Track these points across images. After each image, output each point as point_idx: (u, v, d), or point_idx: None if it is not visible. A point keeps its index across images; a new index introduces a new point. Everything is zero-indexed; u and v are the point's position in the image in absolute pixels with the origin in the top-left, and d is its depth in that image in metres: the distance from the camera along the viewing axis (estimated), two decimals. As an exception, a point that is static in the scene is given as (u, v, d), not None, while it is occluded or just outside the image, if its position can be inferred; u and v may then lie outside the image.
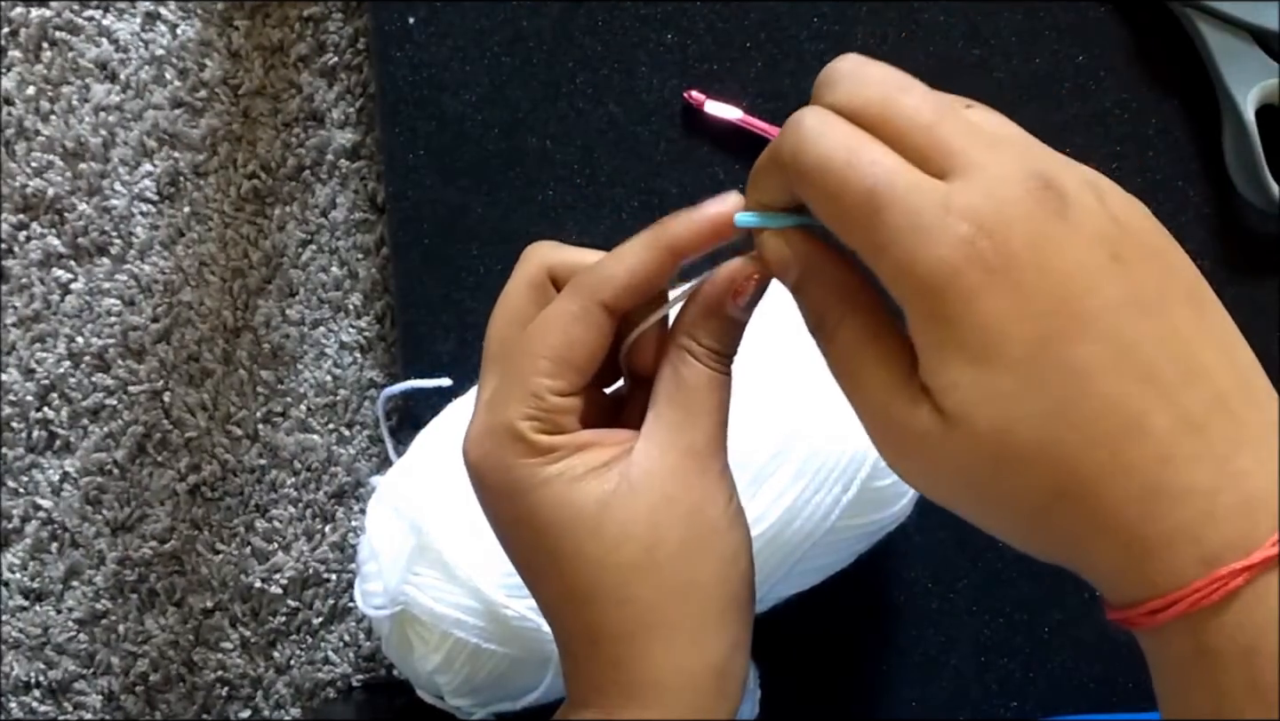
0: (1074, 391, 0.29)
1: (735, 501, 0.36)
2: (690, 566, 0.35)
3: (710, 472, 0.36)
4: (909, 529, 0.57)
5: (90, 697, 0.67)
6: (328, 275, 0.67)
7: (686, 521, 0.35)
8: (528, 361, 0.36)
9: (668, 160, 0.64)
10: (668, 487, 0.35)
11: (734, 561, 0.36)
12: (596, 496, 0.35)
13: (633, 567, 0.35)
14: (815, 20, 0.64)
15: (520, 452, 0.35)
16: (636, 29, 0.64)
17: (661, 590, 0.35)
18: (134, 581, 0.67)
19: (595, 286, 0.36)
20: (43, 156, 0.67)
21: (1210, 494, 0.29)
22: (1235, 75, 0.61)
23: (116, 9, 0.67)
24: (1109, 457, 0.29)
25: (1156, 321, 0.30)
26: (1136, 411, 0.29)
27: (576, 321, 0.36)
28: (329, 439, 0.67)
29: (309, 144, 0.67)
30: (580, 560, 0.35)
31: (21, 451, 0.67)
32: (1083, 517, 0.30)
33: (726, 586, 0.35)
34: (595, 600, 0.35)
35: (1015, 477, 0.30)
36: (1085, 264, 0.29)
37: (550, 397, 0.35)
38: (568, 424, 0.36)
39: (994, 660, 0.64)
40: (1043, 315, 0.29)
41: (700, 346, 0.36)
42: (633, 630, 0.35)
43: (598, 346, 0.36)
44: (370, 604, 0.54)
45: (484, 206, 0.64)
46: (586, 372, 0.36)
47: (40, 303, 0.66)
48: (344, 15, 0.67)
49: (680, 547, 0.35)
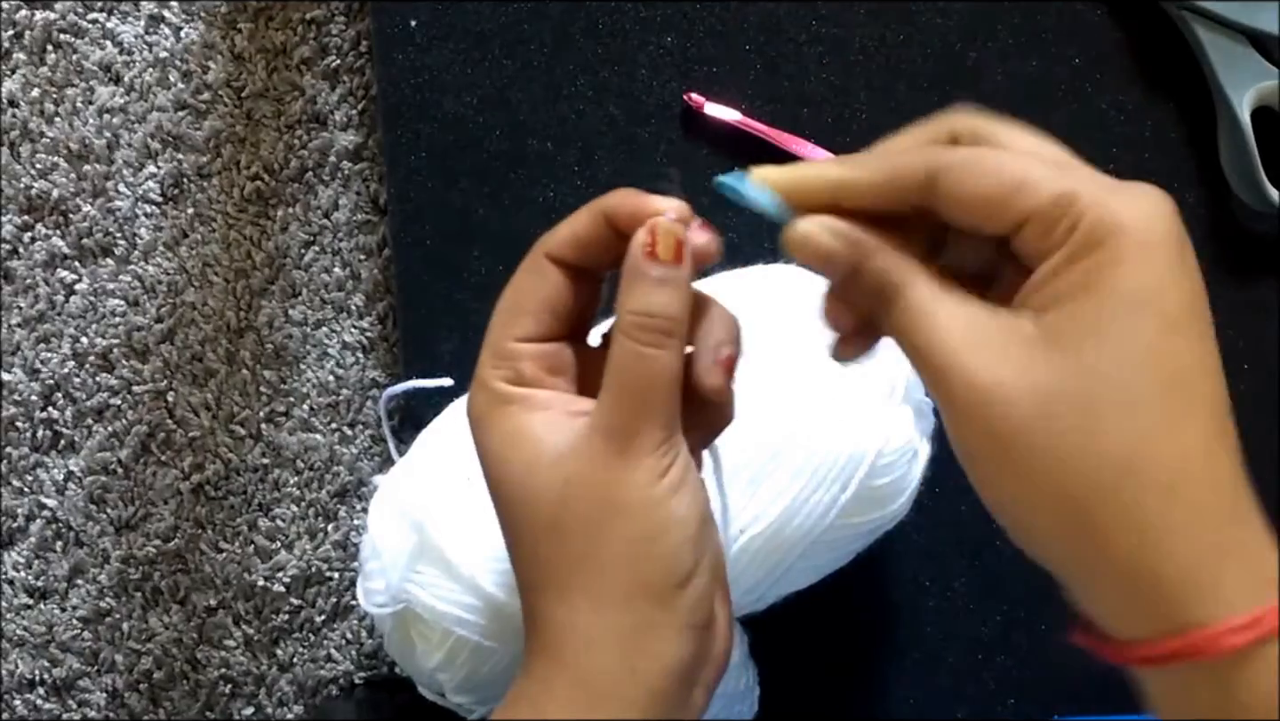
0: (1197, 365, 0.32)
1: (668, 480, 0.37)
2: (592, 541, 0.36)
3: (632, 452, 0.36)
4: (908, 528, 0.57)
5: (94, 695, 0.67)
6: (330, 276, 0.67)
7: (593, 499, 0.36)
8: (492, 320, 0.39)
9: (668, 161, 0.64)
10: (579, 464, 0.36)
11: (646, 543, 0.36)
12: (526, 457, 0.37)
13: (541, 528, 0.37)
14: (815, 22, 0.64)
15: (483, 400, 0.38)
16: (637, 31, 0.65)
17: (566, 556, 0.37)
18: (138, 579, 0.67)
19: (543, 241, 0.39)
20: (47, 158, 0.67)
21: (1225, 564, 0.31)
22: (1231, 77, 0.62)
23: (120, 12, 0.67)
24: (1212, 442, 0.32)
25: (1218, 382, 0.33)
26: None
27: (526, 272, 0.39)
28: (331, 438, 0.67)
29: (311, 146, 0.67)
30: (508, 508, 0.38)
31: (26, 450, 0.67)
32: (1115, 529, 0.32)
33: (634, 566, 0.36)
34: (518, 548, 0.38)
35: (1082, 435, 0.32)
36: (1197, 284, 0.33)
37: (506, 344, 0.38)
38: (527, 369, 0.38)
39: (992, 658, 0.64)
40: (1194, 300, 0.32)
41: (628, 316, 0.37)
42: (541, 584, 0.37)
43: (547, 292, 0.38)
44: (372, 602, 0.55)
45: (485, 207, 0.64)
46: (539, 315, 0.38)
47: (45, 303, 0.67)
48: (346, 18, 0.67)
49: (584, 522, 0.36)
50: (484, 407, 0.38)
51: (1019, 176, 0.33)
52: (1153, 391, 0.31)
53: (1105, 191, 0.33)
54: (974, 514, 0.63)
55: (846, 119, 0.64)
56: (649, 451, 0.36)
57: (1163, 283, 0.32)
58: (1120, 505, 0.31)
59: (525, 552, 0.38)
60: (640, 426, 0.36)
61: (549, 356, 0.39)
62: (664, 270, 0.37)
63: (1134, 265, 0.32)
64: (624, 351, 0.37)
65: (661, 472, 0.36)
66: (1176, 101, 0.64)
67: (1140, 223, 0.32)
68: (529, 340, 0.38)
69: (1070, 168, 0.34)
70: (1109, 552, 0.32)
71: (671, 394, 0.37)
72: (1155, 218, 0.32)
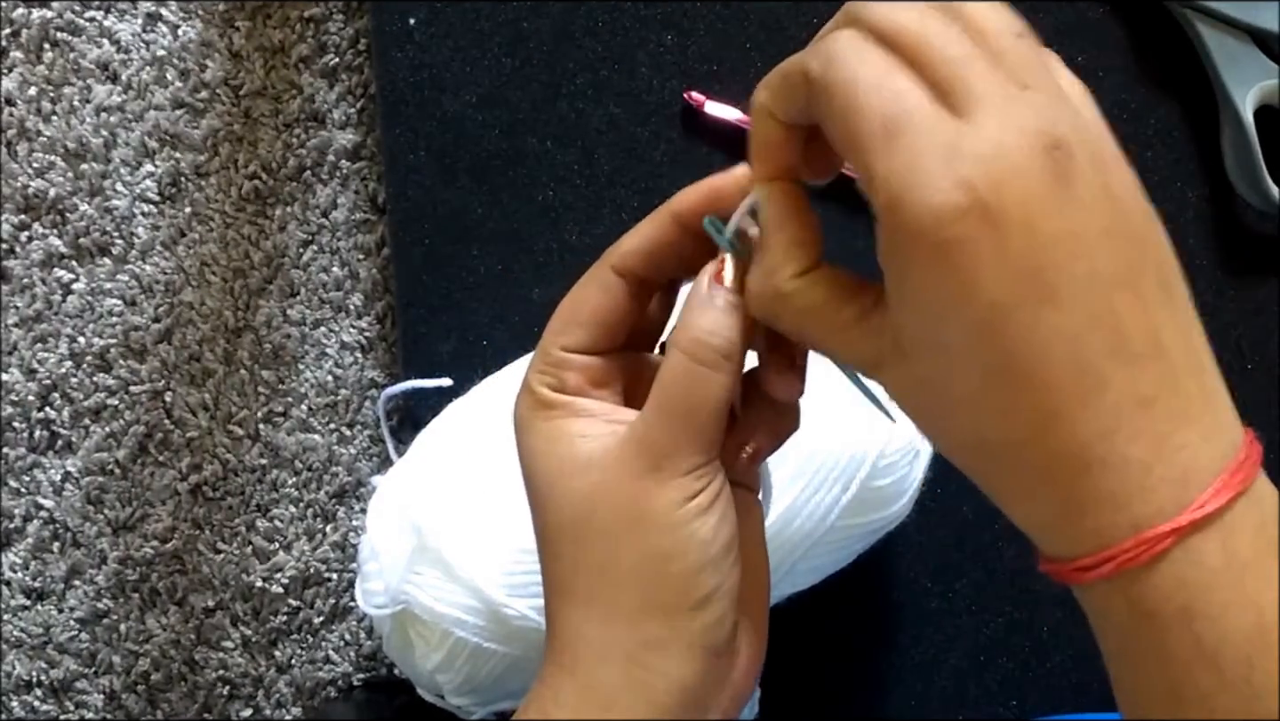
0: (1036, 352, 0.30)
1: (696, 504, 0.36)
2: (611, 552, 0.36)
3: (664, 470, 0.36)
4: (908, 528, 0.57)
5: (92, 697, 0.67)
6: (329, 275, 0.67)
7: (616, 510, 0.36)
8: (549, 323, 0.39)
9: (668, 160, 0.64)
10: (610, 476, 0.36)
11: (664, 561, 0.36)
12: (560, 460, 0.37)
13: (566, 532, 0.37)
14: (815, 21, 0.64)
15: (526, 403, 0.38)
16: (637, 30, 0.64)
17: (586, 563, 0.36)
18: (135, 581, 0.67)
19: (610, 253, 0.38)
20: (44, 157, 0.67)
21: (1146, 467, 0.30)
22: (1234, 76, 0.61)
23: (118, 10, 0.67)
24: (1053, 420, 0.30)
25: (1130, 296, 0.30)
26: (1094, 381, 0.30)
27: (586, 283, 0.38)
28: (330, 439, 0.67)
29: (310, 144, 0.67)
30: (538, 508, 0.38)
31: (23, 451, 0.67)
32: (1022, 467, 0.31)
33: (649, 582, 0.36)
34: (545, 549, 0.38)
35: (960, 417, 0.32)
36: (1075, 232, 0.30)
37: (554, 351, 0.38)
38: (571, 379, 0.38)
39: (993, 659, 0.64)
40: (1020, 277, 0.30)
41: (687, 333, 0.36)
42: (562, 589, 0.37)
43: (605, 305, 0.38)
44: (371, 603, 0.55)
45: (484, 207, 0.64)
46: (594, 326, 0.38)
47: (42, 303, 0.67)
48: (345, 16, 0.67)
49: (604, 532, 0.36)
50: (526, 411, 0.38)
51: (857, 133, 0.30)
52: (980, 388, 0.31)
53: (904, 169, 0.29)
54: (976, 515, 0.63)
55: (847, 118, 0.64)
56: (682, 472, 0.36)
57: (964, 283, 0.29)
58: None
59: (550, 554, 0.38)
60: (678, 446, 0.36)
61: (595, 369, 0.38)
62: (730, 296, 0.36)
63: (923, 274, 0.30)
64: (676, 367, 0.36)
65: (691, 495, 0.36)
66: (1179, 100, 0.64)
67: (927, 218, 0.29)
68: (578, 351, 0.38)
69: (908, 105, 0.30)
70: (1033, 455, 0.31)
71: (717, 419, 0.36)
72: (946, 203, 0.29)
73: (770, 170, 0.35)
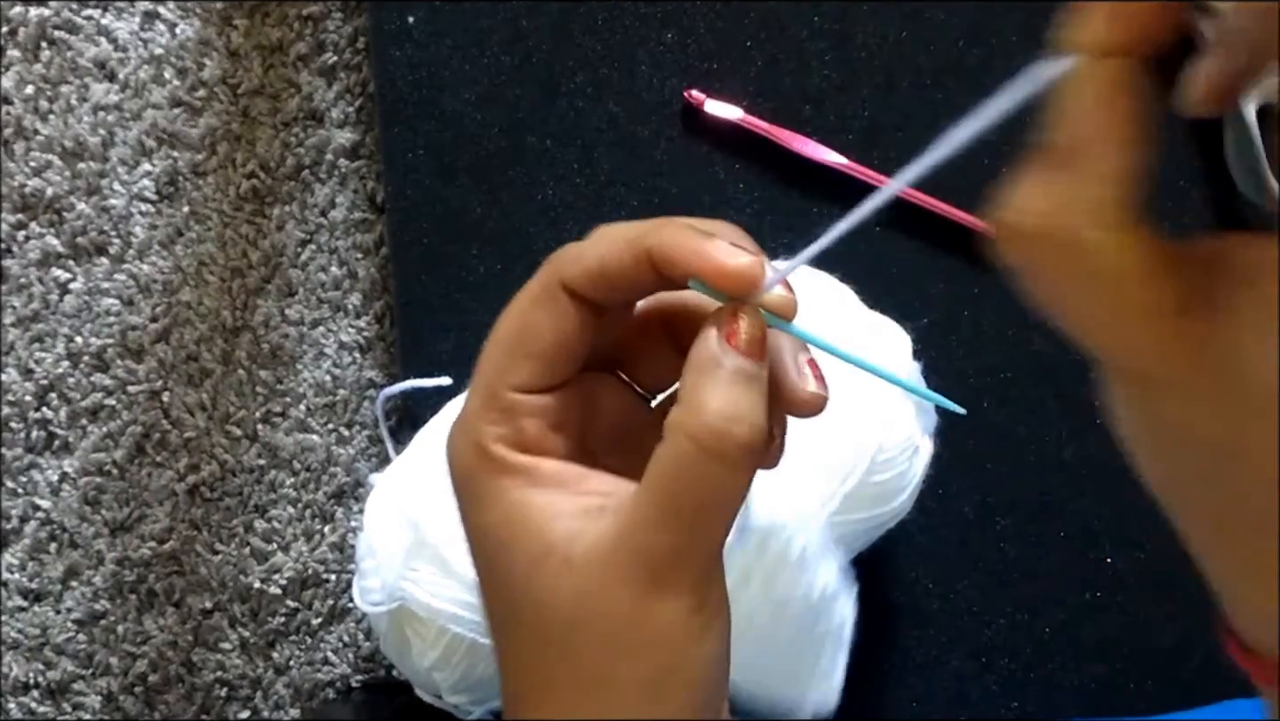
0: None
1: (701, 618, 0.30)
2: (608, 666, 0.30)
3: (667, 583, 0.30)
4: (910, 528, 0.57)
5: (89, 698, 0.67)
6: (327, 275, 0.67)
7: (614, 625, 0.30)
8: (487, 353, 0.32)
9: (668, 160, 0.64)
10: (601, 586, 0.30)
11: (666, 677, 0.30)
12: (531, 552, 0.31)
13: (544, 640, 0.31)
14: (816, 20, 0.64)
15: (476, 463, 0.32)
16: (636, 28, 0.64)
17: (572, 678, 0.31)
18: (133, 582, 0.67)
19: (560, 265, 0.31)
20: (41, 156, 0.66)
21: None
22: None
23: (115, 8, 0.67)
24: None
25: None
26: None
27: (534, 304, 0.31)
28: (328, 439, 0.67)
29: (308, 143, 0.67)
30: (510, 605, 0.32)
31: (20, 451, 0.66)
32: (1268, 549, 0.24)
33: (654, 698, 0.30)
34: (510, 652, 0.32)
35: (1236, 482, 0.24)
36: None
37: (505, 394, 0.31)
38: (529, 429, 0.31)
39: (995, 661, 0.64)
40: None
41: (709, 419, 0.29)
42: (535, 701, 0.32)
43: (559, 333, 0.31)
44: (368, 600, 0.54)
45: (483, 206, 0.64)
46: (548, 361, 0.31)
47: (39, 302, 0.66)
48: (343, 14, 0.67)
49: (599, 649, 0.30)
50: (476, 473, 0.32)
51: None
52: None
53: None
54: (977, 515, 0.63)
55: (848, 116, 0.64)
56: (686, 586, 0.30)
57: None
58: None
59: (519, 660, 0.32)
60: (682, 555, 0.30)
61: (552, 410, 0.32)
62: (748, 364, 0.29)
63: None
64: (684, 460, 0.29)
65: (696, 609, 0.30)
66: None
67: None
68: (531, 390, 0.31)
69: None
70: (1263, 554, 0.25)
71: (732, 519, 0.30)
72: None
73: (1111, 33, 0.24)
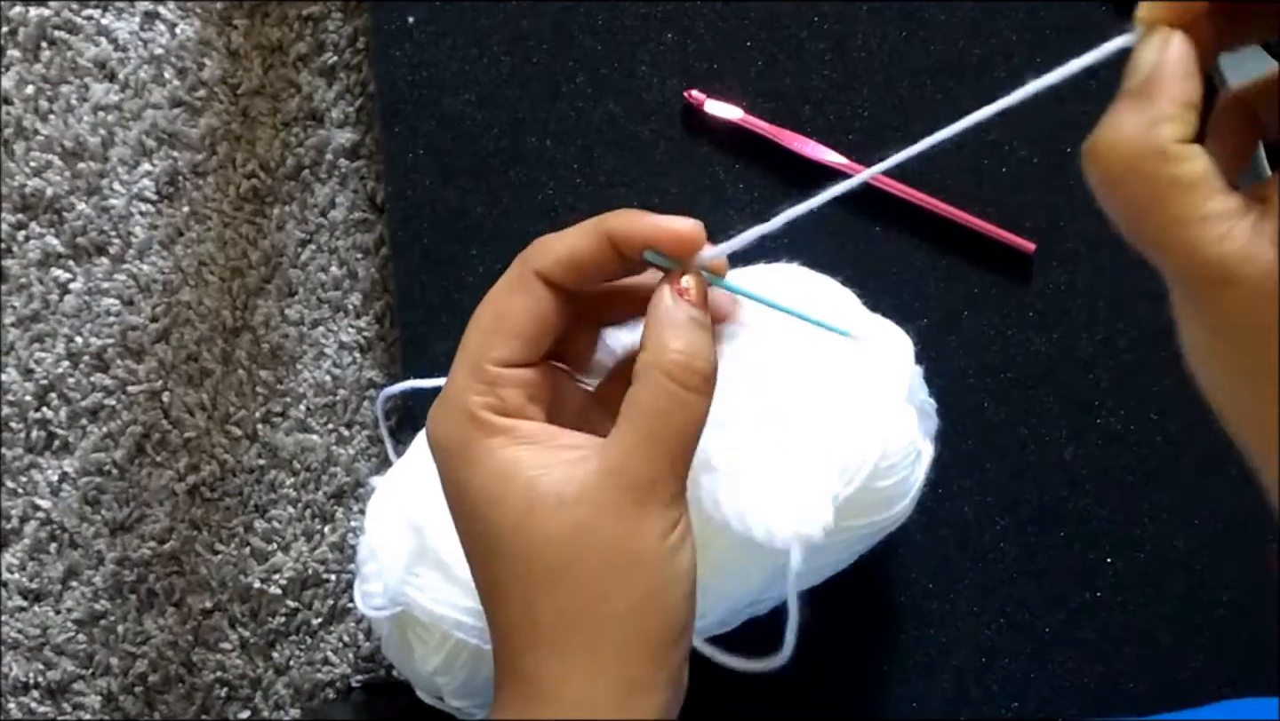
0: None
1: (677, 534, 0.35)
2: (603, 595, 0.34)
3: (649, 504, 0.34)
4: (910, 529, 0.57)
5: (89, 698, 0.67)
6: (327, 275, 0.67)
7: (606, 551, 0.34)
8: (470, 335, 0.36)
9: (668, 160, 0.64)
10: (595, 514, 0.34)
11: (655, 597, 0.34)
12: (525, 499, 0.34)
13: (541, 579, 0.34)
14: (816, 20, 0.64)
15: (463, 427, 0.36)
16: (636, 28, 0.64)
17: (568, 610, 0.34)
18: (133, 582, 0.66)
19: (532, 256, 0.37)
20: (41, 156, 0.66)
21: None
22: (1235, 74, 0.61)
23: (115, 8, 0.67)
24: None
25: None
26: None
27: (511, 289, 0.37)
28: (328, 439, 0.67)
29: (308, 143, 0.67)
30: (494, 555, 0.35)
31: (20, 451, 0.66)
32: None
33: (640, 621, 0.34)
34: (506, 600, 0.35)
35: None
36: None
37: (488, 366, 0.36)
38: (510, 398, 0.36)
39: (995, 661, 0.64)
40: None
41: (672, 356, 0.35)
42: (532, 642, 0.35)
43: (534, 313, 0.36)
44: (370, 604, 0.54)
45: (484, 206, 0.64)
46: (527, 339, 0.36)
47: (39, 302, 0.66)
48: (343, 14, 0.67)
49: (595, 575, 0.34)
50: (464, 437, 0.35)
51: None
52: None
53: None
54: (977, 516, 0.63)
55: (849, 116, 0.64)
56: (665, 503, 0.34)
57: None
58: None
59: (515, 605, 0.35)
60: (661, 476, 0.34)
61: (531, 384, 0.37)
62: (698, 313, 0.35)
63: None
64: (662, 394, 0.34)
65: (672, 525, 0.35)
66: (1181, 99, 0.64)
67: None
68: (513, 365, 0.36)
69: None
70: None
71: (695, 443, 0.35)
72: None
73: (1180, 12, 0.32)
